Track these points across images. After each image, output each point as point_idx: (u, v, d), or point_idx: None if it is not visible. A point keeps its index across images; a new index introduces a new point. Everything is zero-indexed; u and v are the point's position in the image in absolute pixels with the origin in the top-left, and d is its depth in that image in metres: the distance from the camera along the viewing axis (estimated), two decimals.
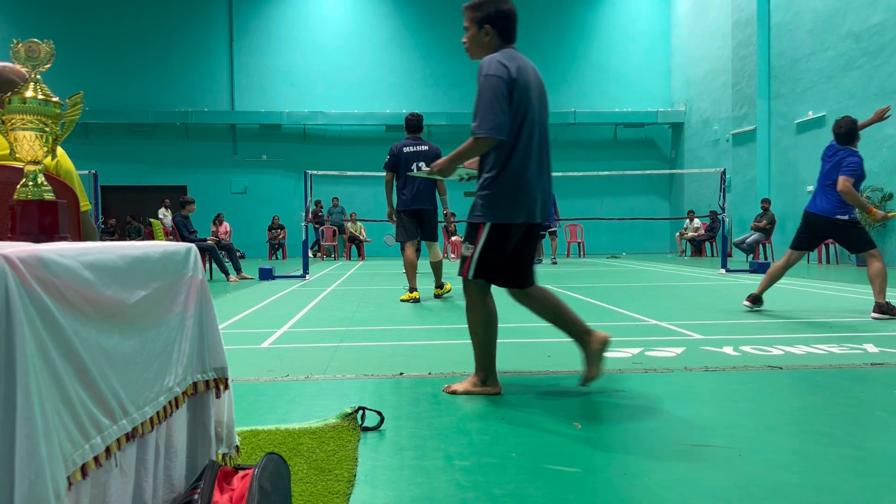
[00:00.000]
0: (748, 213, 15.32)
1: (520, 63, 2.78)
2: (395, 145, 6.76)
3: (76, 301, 1.02)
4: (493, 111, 2.66)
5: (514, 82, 2.71)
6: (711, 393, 2.88)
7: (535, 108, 2.79)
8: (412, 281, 6.69)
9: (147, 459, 1.28)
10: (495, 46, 2.83)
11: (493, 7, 2.81)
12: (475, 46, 2.87)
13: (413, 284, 6.68)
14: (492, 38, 2.83)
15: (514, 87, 2.71)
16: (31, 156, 1.46)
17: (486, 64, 2.73)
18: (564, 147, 20.34)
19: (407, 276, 6.72)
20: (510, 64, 2.72)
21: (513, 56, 2.78)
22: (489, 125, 2.66)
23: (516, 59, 2.77)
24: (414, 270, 6.73)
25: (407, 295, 6.66)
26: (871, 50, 12.22)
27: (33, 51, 1.44)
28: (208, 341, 1.59)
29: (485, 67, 2.72)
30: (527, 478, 1.89)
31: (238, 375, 3.20)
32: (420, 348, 4.03)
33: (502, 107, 2.67)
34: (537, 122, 2.82)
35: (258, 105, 19.46)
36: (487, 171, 2.79)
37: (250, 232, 18.84)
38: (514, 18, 2.86)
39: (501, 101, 2.67)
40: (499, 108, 2.66)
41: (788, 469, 1.93)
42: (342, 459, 2.03)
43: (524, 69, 2.78)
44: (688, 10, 19.30)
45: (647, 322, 4.99)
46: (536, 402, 2.74)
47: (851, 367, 3.35)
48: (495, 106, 2.66)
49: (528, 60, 2.88)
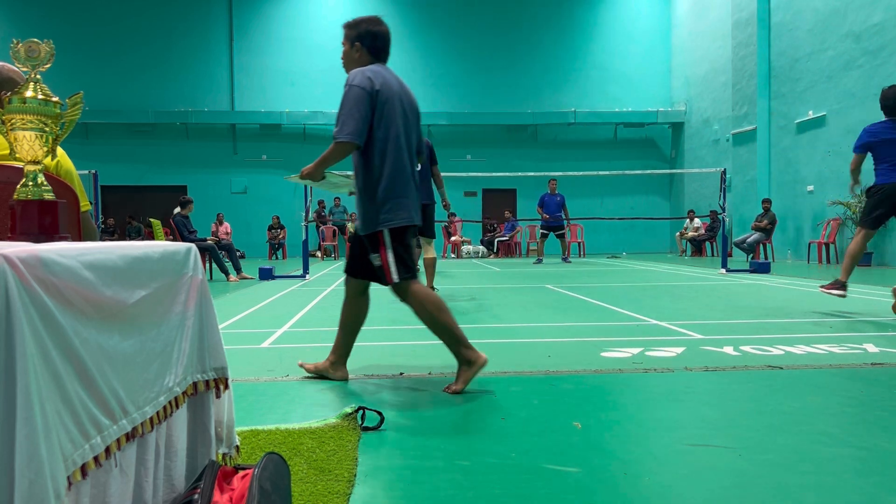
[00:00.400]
0: (748, 212, 15.32)
1: (385, 78, 3.01)
2: None
3: (76, 301, 1.02)
4: (353, 118, 2.88)
5: (377, 94, 2.94)
6: (711, 393, 2.88)
7: (399, 121, 3.01)
8: None
9: (147, 459, 1.28)
10: (366, 62, 3.08)
11: (365, 27, 3.08)
12: (348, 61, 3.13)
13: None
14: (362, 55, 3.08)
15: (377, 99, 2.94)
16: (31, 156, 1.46)
17: (351, 76, 2.97)
18: (565, 147, 20.36)
19: (425, 274, 6.72)
20: (375, 77, 2.95)
21: (378, 71, 3.01)
22: (348, 130, 2.88)
23: (382, 74, 3.01)
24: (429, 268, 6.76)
25: None
26: (871, 49, 12.22)
27: (33, 51, 1.44)
28: (208, 341, 1.59)
29: (350, 78, 2.95)
30: (527, 478, 1.89)
31: (238, 375, 3.20)
32: (420, 348, 4.03)
33: (361, 114, 2.89)
34: (403, 133, 3.03)
35: (258, 105, 19.46)
36: (364, 182, 3.00)
37: (250, 232, 18.85)
38: (384, 39, 3.11)
39: (361, 110, 2.89)
40: (358, 116, 2.89)
41: (789, 469, 1.93)
42: (342, 459, 2.03)
43: (389, 84, 2.99)
44: (688, 9, 19.30)
45: (647, 322, 4.99)
46: (536, 401, 2.74)
47: (852, 366, 3.35)
48: (355, 113, 2.88)
49: (397, 77, 3.11)
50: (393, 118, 2.98)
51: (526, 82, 20.14)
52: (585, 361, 3.53)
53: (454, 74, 19.80)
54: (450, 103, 19.65)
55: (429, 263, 6.82)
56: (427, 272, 6.82)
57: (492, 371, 3.30)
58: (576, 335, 4.43)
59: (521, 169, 18.39)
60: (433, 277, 6.87)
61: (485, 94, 19.92)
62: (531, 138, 20.48)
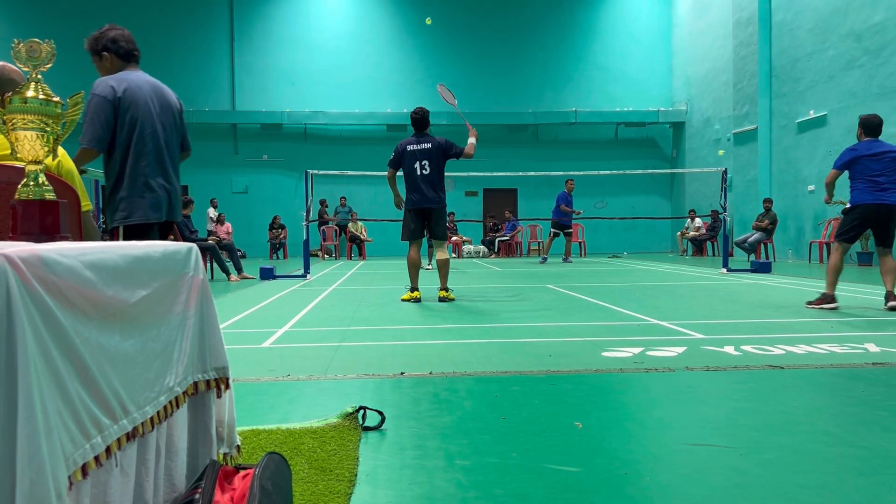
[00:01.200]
0: (749, 212, 15.31)
1: (131, 82, 3.23)
2: (401, 142, 6.70)
3: (77, 301, 1.02)
4: (93, 125, 3.12)
5: (120, 100, 3.17)
6: (712, 392, 2.88)
7: (150, 121, 3.25)
8: (414, 280, 6.67)
9: (148, 459, 1.28)
10: (118, 67, 3.30)
11: (105, 36, 3.31)
12: (103, 73, 3.31)
13: (415, 284, 6.66)
14: (113, 62, 3.30)
15: (120, 105, 3.17)
16: (32, 155, 1.46)
17: (95, 84, 3.18)
18: (566, 147, 20.35)
19: (409, 275, 6.71)
20: (118, 84, 3.18)
21: (123, 77, 3.23)
22: (89, 137, 3.11)
23: (127, 79, 3.23)
24: (416, 270, 6.70)
25: (408, 294, 6.64)
26: (872, 49, 12.21)
27: (34, 51, 1.44)
28: (209, 341, 1.59)
29: (93, 87, 3.16)
30: (528, 477, 1.89)
31: (239, 375, 3.20)
32: (421, 348, 4.03)
33: (101, 122, 3.13)
34: (150, 133, 3.26)
35: (259, 105, 19.47)
36: (112, 181, 3.24)
37: (251, 231, 18.85)
38: (127, 39, 3.35)
39: (101, 117, 3.13)
40: (98, 124, 3.12)
41: (790, 469, 1.93)
42: (343, 459, 2.03)
43: (135, 87, 3.22)
44: (689, 9, 19.29)
45: (648, 322, 4.99)
46: (537, 401, 2.74)
47: (853, 366, 3.35)
48: (95, 121, 3.12)
49: (149, 79, 3.34)
50: (138, 119, 3.21)
51: (527, 82, 20.14)
52: (586, 361, 3.53)
53: (455, 74, 19.78)
54: None
55: (441, 264, 6.74)
56: (440, 272, 6.75)
57: (492, 370, 3.31)
58: (577, 335, 4.43)
59: (522, 169, 18.37)
60: (446, 278, 6.77)
61: (486, 94, 19.92)
62: (532, 138, 20.47)
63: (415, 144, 6.59)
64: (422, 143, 6.57)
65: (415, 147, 6.57)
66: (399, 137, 21.12)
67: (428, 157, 6.50)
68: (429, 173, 6.52)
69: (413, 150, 6.57)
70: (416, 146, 6.57)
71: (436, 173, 6.55)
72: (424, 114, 6.72)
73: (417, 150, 6.55)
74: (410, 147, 6.59)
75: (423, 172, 6.51)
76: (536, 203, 20.00)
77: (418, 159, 6.52)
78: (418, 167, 6.49)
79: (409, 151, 6.58)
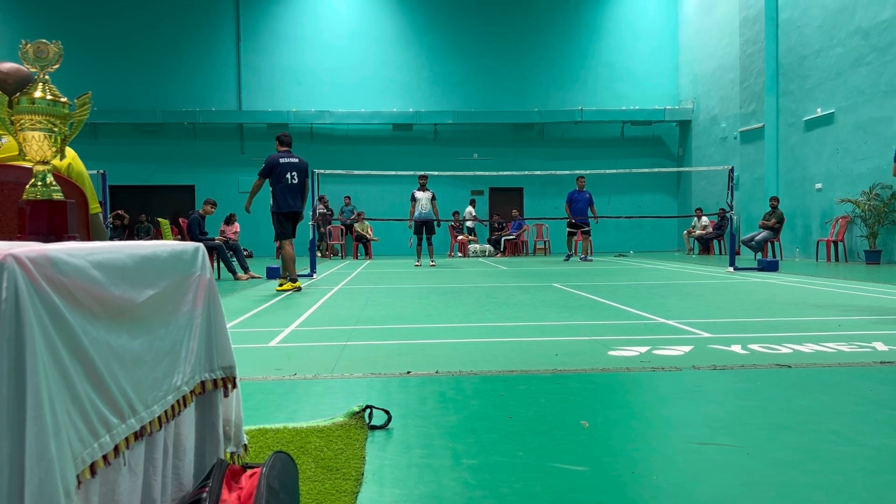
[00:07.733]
0: (756, 210, 15.25)
1: None
2: (271, 156, 7.90)
3: (85, 300, 1.03)
4: None
5: None
6: (719, 391, 2.87)
7: None
8: (293, 273, 7.85)
9: (156, 458, 1.29)
10: None
11: None
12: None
13: (294, 276, 7.83)
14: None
15: None
16: (40, 156, 1.47)
17: None
18: (572, 145, 20.32)
19: (289, 268, 7.79)
20: None
21: None
22: None
23: None
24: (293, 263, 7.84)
25: (289, 285, 7.73)
26: (879, 46, 12.13)
27: (42, 51, 1.44)
28: (216, 340, 1.59)
29: None
30: (534, 476, 1.89)
31: (246, 374, 3.20)
32: (427, 347, 4.03)
33: None
34: None
35: (265, 104, 19.50)
36: None
37: (258, 231, 18.87)
38: None
39: None
40: None
41: (797, 468, 1.93)
42: (350, 458, 2.03)
43: None
44: (695, 7, 19.22)
45: (654, 320, 4.98)
46: (543, 400, 2.73)
47: (861, 365, 3.33)
48: None
49: None
50: None
51: (532, 80, 20.11)
52: (593, 360, 3.52)
53: (460, 73, 19.78)
54: (456, 102, 19.64)
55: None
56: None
57: (499, 369, 3.30)
58: (583, 334, 4.42)
59: (528, 168, 18.36)
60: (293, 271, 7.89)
61: (491, 93, 19.90)
62: (538, 137, 20.44)
63: (286, 158, 7.86)
64: (290, 158, 7.87)
65: (286, 160, 7.87)
66: (405, 137, 21.32)
67: (297, 169, 7.78)
68: (297, 183, 7.86)
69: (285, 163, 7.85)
70: (286, 159, 7.85)
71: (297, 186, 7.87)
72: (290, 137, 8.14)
73: (288, 162, 7.87)
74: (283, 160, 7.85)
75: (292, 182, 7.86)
76: (542, 202, 19.96)
77: (289, 171, 7.80)
78: (289, 178, 7.75)
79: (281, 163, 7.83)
